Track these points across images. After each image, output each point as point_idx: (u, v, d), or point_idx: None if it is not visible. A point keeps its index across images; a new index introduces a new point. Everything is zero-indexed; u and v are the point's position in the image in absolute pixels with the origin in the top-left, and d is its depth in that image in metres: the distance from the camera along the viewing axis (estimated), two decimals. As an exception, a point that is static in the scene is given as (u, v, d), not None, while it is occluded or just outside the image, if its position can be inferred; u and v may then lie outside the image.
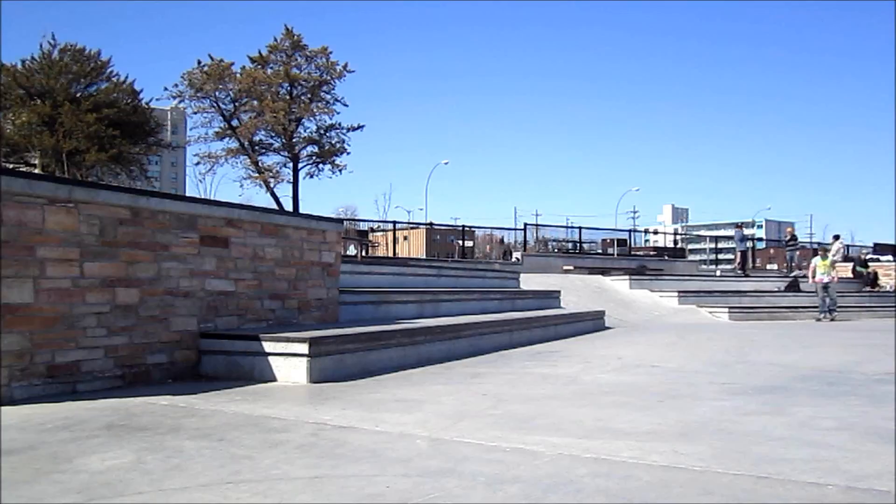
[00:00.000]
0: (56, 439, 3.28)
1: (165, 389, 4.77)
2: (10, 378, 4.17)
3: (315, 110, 35.64)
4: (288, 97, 35.01)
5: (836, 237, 31.28)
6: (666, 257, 31.53)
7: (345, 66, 35.42)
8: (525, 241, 31.18)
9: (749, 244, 30.04)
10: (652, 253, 34.88)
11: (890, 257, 29.41)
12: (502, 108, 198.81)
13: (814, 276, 16.77)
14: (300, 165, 36.36)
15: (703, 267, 36.27)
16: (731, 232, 38.42)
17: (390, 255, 27.40)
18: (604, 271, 21.56)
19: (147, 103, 34.65)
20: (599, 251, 32.58)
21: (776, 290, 21.55)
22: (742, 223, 27.53)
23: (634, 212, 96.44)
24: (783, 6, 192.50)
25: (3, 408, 3.94)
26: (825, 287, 16.46)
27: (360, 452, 3.11)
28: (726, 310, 16.63)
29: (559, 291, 14.36)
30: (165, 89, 35.56)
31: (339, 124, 36.40)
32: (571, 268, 22.68)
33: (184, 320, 5.36)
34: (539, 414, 4.06)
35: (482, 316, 9.20)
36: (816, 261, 16.98)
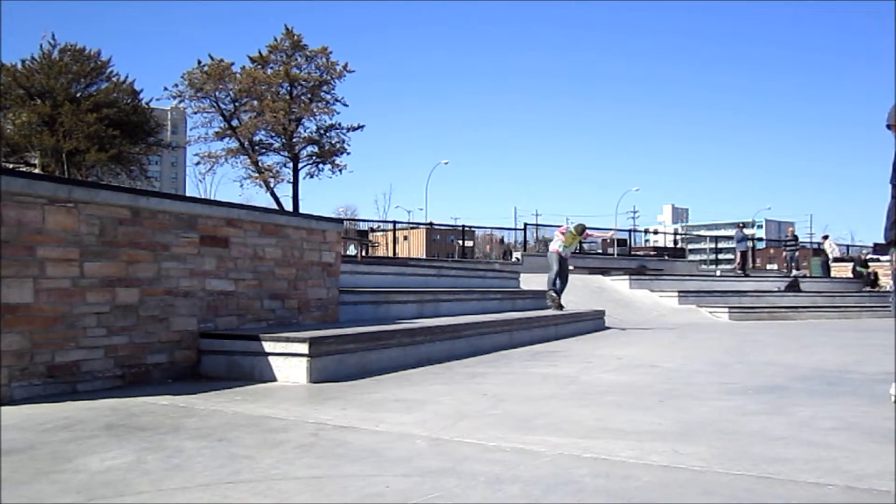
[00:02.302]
0: (56, 439, 3.28)
1: (165, 389, 4.77)
2: (10, 378, 4.17)
3: (315, 110, 35.62)
4: (288, 97, 34.99)
5: (825, 237, 31.40)
6: (666, 257, 31.53)
7: (345, 66, 35.42)
8: (525, 241, 31.21)
9: (749, 244, 30.01)
10: (652, 253, 34.90)
11: (890, 257, 29.39)
12: (502, 108, 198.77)
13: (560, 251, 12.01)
14: (300, 165, 36.35)
15: (703, 267, 36.22)
16: (731, 232, 38.41)
17: (390, 255, 27.39)
18: (604, 271, 21.56)
19: (147, 103, 34.62)
20: (599, 251, 32.57)
21: (776, 290, 21.55)
22: (742, 223, 27.53)
23: (634, 212, 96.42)
24: (783, 6, 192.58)
25: (3, 408, 3.94)
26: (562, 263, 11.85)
27: (360, 452, 3.11)
28: (726, 310, 16.62)
29: (559, 291, 14.33)
30: (165, 89, 35.58)
31: (339, 124, 36.40)
32: (571, 268, 22.65)
33: (184, 320, 5.36)
34: (539, 414, 4.06)
35: (482, 316, 9.20)
36: (562, 238, 11.94)
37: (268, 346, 5.28)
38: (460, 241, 35.39)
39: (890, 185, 4.64)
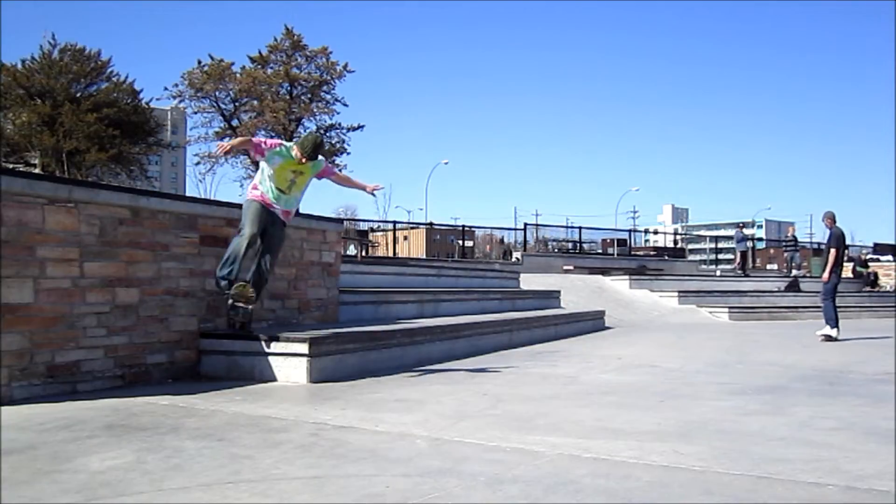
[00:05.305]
0: (56, 439, 3.28)
1: (165, 389, 4.78)
2: (10, 378, 4.17)
3: (315, 110, 35.60)
4: (288, 97, 34.97)
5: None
6: (666, 257, 31.49)
7: (345, 66, 35.39)
8: (525, 241, 31.17)
9: (749, 244, 30.00)
10: (652, 253, 34.85)
11: (890, 257, 29.41)
12: (502, 108, 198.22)
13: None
14: (300, 165, 36.33)
15: (703, 267, 36.18)
16: (731, 232, 38.41)
17: (390, 255, 27.35)
18: (604, 271, 21.53)
19: (147, 103, 34.61)
20: (599, 251, 32.55)
21: (776, 290, 21.53)
22: (742, 223, 27.53)
23: (634, 212, 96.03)
24: (783, 6, 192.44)
25: (3, 408, 3.94)
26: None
27: (360, 452, 3.11)
28: (726, 310, 16.61)
29: (559, 291, 14.35)
30: (165, 89, 35.44)
31: (340, 124, 36.35)
32: (571, 268, 22.66)
33: (184, 320, 5.36)
34: (539, 414, 4.06)
35: (482, 316, 9.20)
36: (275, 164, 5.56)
37: (268, 346, 5.28)
38: (460, 241, 35.37)
39: (825, 243, 7.94)
